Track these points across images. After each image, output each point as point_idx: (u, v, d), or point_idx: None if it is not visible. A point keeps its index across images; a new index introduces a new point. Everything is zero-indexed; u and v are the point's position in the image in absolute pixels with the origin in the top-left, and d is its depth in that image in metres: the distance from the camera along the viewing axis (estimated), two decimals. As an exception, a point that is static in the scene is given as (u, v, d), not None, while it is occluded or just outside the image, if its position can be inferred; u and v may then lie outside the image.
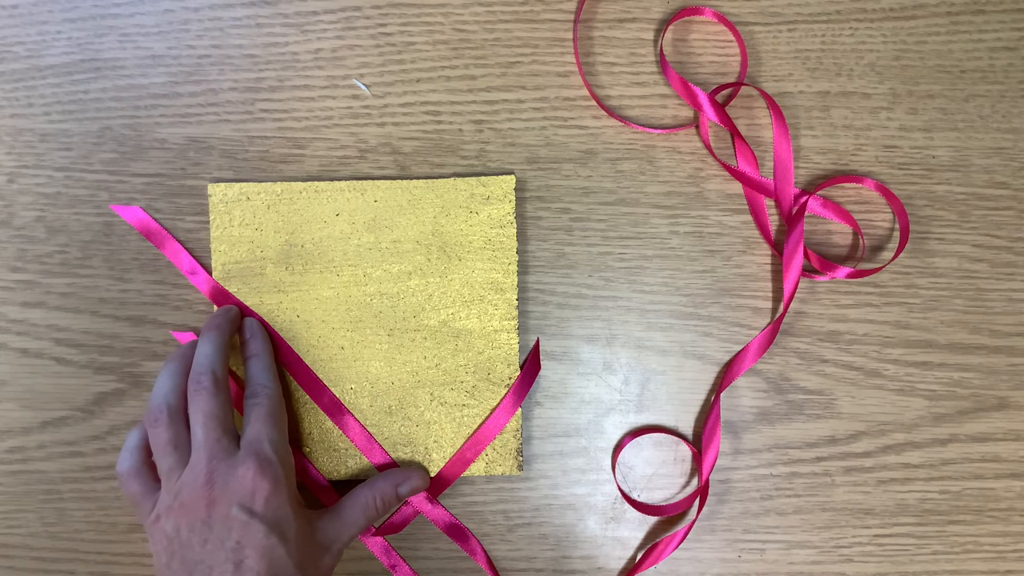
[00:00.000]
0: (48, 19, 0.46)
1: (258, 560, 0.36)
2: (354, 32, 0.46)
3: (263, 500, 0.37)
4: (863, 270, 0.46)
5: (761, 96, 0.46)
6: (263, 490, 0.37)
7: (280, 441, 0.40)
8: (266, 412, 0.40)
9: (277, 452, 0.39)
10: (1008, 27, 0.47)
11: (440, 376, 0.45)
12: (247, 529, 0.36)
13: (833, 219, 0.47)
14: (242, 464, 0.37)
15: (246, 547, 0.36)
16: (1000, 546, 0.47)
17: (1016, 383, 0.47)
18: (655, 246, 0.47)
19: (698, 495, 0.45)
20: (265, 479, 0.37)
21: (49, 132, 0.46)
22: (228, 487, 0.37)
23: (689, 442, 0.46)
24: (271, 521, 0.37)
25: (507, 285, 0.45)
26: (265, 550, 0.36)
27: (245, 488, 0.37)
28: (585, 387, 0.47)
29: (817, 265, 0.46)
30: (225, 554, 0.36)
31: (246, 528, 0.36)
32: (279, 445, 0.39)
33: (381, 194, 0.45)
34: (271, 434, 0.39)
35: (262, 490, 0.37)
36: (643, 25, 0.47)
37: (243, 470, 0.37)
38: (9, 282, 0.46)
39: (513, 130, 0.47)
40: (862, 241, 0.47)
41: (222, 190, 0.45)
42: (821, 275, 0.46)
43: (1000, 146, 0.47)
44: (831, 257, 0.47)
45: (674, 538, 0.45)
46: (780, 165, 0.46)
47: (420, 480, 0.44)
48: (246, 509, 0.36)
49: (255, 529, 0.36)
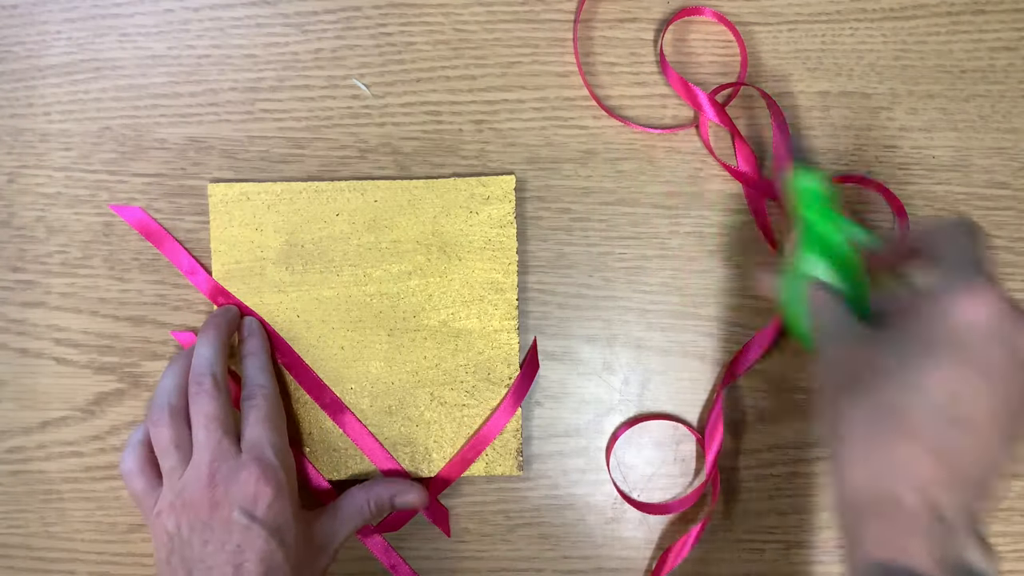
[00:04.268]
0: (48, 19, 0.46)
1: (257, 564, 0.36)
2: (354, 32, 0.46)
3: (265, 505, 0.37)
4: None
5: (761, 96, 0.46)
6: (265, 495, 0.38)
7: (281, 444, 0.40)
8: (264, 414, 0.40)
9: (279, 456, 0.39)
10: (1008, 27, 0.47)
11: (440, 376, 0.45)
12: (247, 533, 0.37)
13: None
14: (245, 468, 0.38)
15: (246, 551, 0.36)
16: (1000, 546, 0.47)
17: (1016, 383, 0.47)
18: (655, 246, 0.47)
19: (706, 486, 0.46)
20: (268, 485, 0.38)
21: (49, 132, 0.46)
22: (230, 490, 0.37)
23: (692, 427, 0.46)
24: (272, 527, 0.37)
25: (507, 285, 0.45)
26: (264, 555, 0.37)
27: (247, 493, 0.37)
28: (585, 387, 0.47)
29: None
30: (225, 556, 0.36)
31: (247, 532, 0.37)
32: (280, 449, 0.40)
33: (381, 194, 0.45)
34: (272, 438, 0.40)
35: (264, 495, 0.38)
36: (643, 25, 0.47)
37: (246, 474, 0.38)
38: (9, 282, 0.46)
39: (513, 130, 0.47)
40: None
41: (222, 190, 0.45)
42: None
43: (1000, 146, 0.47)
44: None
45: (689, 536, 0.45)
46: (780, 165, 0.46)
47: (417, 497, 0.44)
48: (247, 514, 0.37)
49: (255, 534, 0.37)
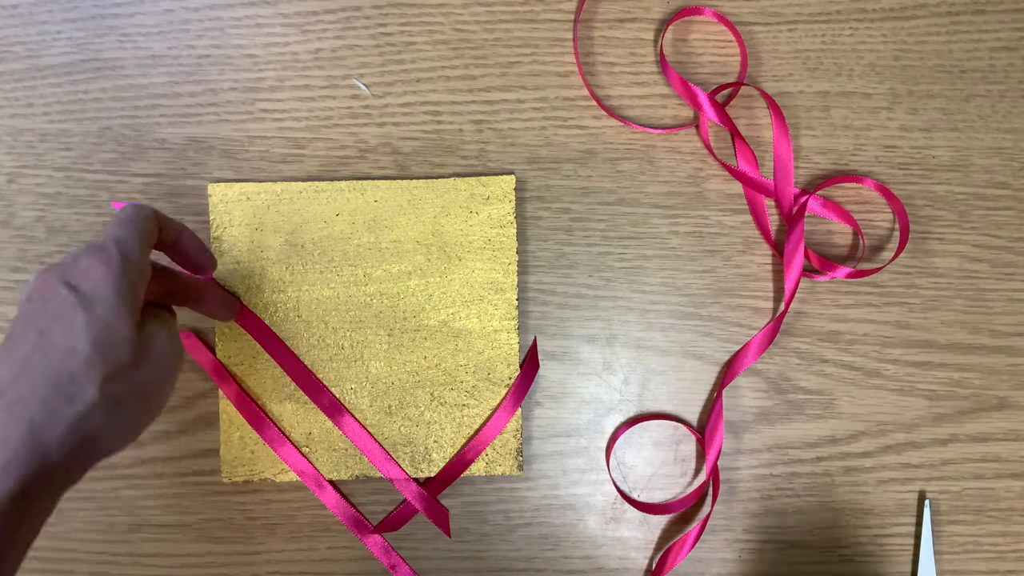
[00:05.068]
0: (48, 19, 0.46)
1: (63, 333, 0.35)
2: (354, 32, 0.46)
3: (89, 283, 0.36)
4: (863, 270, 0.46)
5: (761, 96, 0.46)
6: (93, 274, 0.36)
7: (131, 244, 0.38)
8: (126, 218, 0.38)
9: (123, 251, 0.37)
10: (1008, 27, 0.47)
11: (440, 376, 0.45)
12: (63, 302, 0.35)
13: (833, 219, 0.47)
14: (84, 254, 0.37)
15: (59, 316, 0.35)
16: (1000, 546, 0.47)
17: (1016, 383, 0.47)
18: (655, 246, 0.47)
19: (706, 485, 0.46)
20: (99, 266, 0.36)
21: (49, 132, 0.46)
22: (66, 267, 0.36)
23: (692, 427, 0.46)
24: (88, 299, 0.36)
25: (507, 285, 0.45)
26: (69, 321, 0.35)
27: (78, 270, 0.36)
28: (585, 387, 0.47)
29: (817, 265, 0.46)
30: (42, 321, 0.35)
31: (63, 301, 0.36)
32: (129, 247, 0.38)
33: (381, 194, 0.45)
34: (121, 234, 0.38)
35: (92, 274, 0.36)
36: (643, 25, 0.47)
37: (84, 259, 0.36)
38: (9, 282, 0.46)
39: (513, 130, 0.47)
40: (862, 241, 0.47)
41: (222, 190, 0.45)
42: (821, 275, 0.46)
43: (1000, 146, 0.47)
44: (831, 257, 0.47)
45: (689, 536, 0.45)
46: (780, 165, 0.46)
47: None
48: (70, 285, 0.36)
49: (70, 303, 0.35)
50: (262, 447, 0.45)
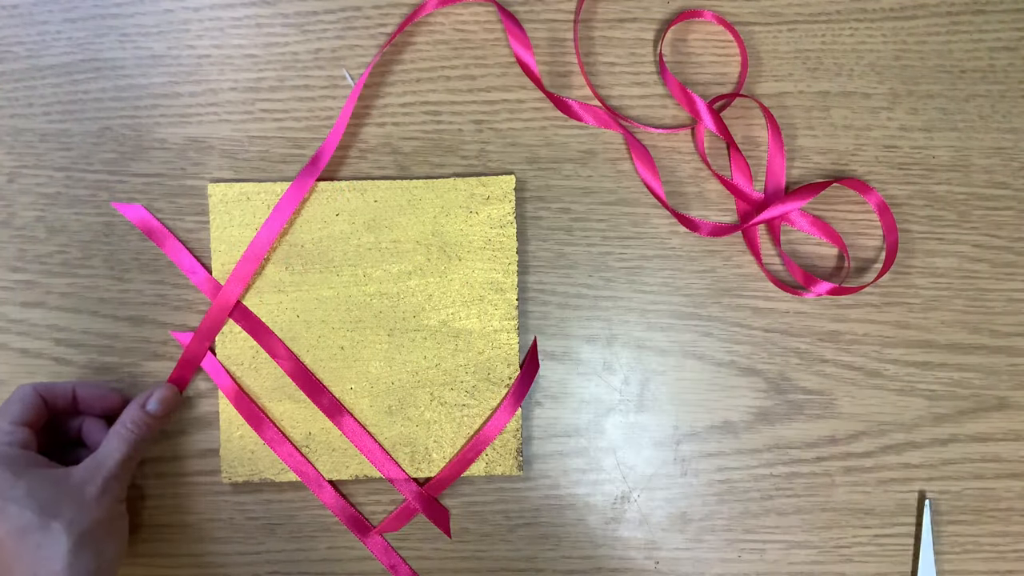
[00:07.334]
0: (48, 19, 0.46)
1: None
2: (354, 32, 0.46)
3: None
4: (846, 287, 0.45)
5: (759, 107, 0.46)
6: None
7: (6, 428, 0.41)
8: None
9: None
10: (1008, 27, 0.47)
11: (440, 376, 0.45)
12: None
13: (820, 237, 0.46)
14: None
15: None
16: (1000, 546, 0.47)
17: (1016, 383, 0.47)
18: (655, 246, 0.47)
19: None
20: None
21: (49, 132, 0.46)
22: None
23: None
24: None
25: (507, 285, 0.45)
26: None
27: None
28: (585, 387, 0.47)
29: (801, 280, 0.46)
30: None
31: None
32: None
33: (381, 194, 0.45)
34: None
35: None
36: (643, 25, 0.47)
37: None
38: (9, 282, 0.46)
39: (513, 130, 0.47)
40: (847, 260, 0.46)
41: (222, 190, 0.45)
42: (807, 291, 0.46)
43: (1000, 146, 0.47)
44: (818, 270, 0.47)
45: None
46: (772, 180, 0.46)
47: (167, 391, 0.44)
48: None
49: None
50: (262, 447, 0.45)
